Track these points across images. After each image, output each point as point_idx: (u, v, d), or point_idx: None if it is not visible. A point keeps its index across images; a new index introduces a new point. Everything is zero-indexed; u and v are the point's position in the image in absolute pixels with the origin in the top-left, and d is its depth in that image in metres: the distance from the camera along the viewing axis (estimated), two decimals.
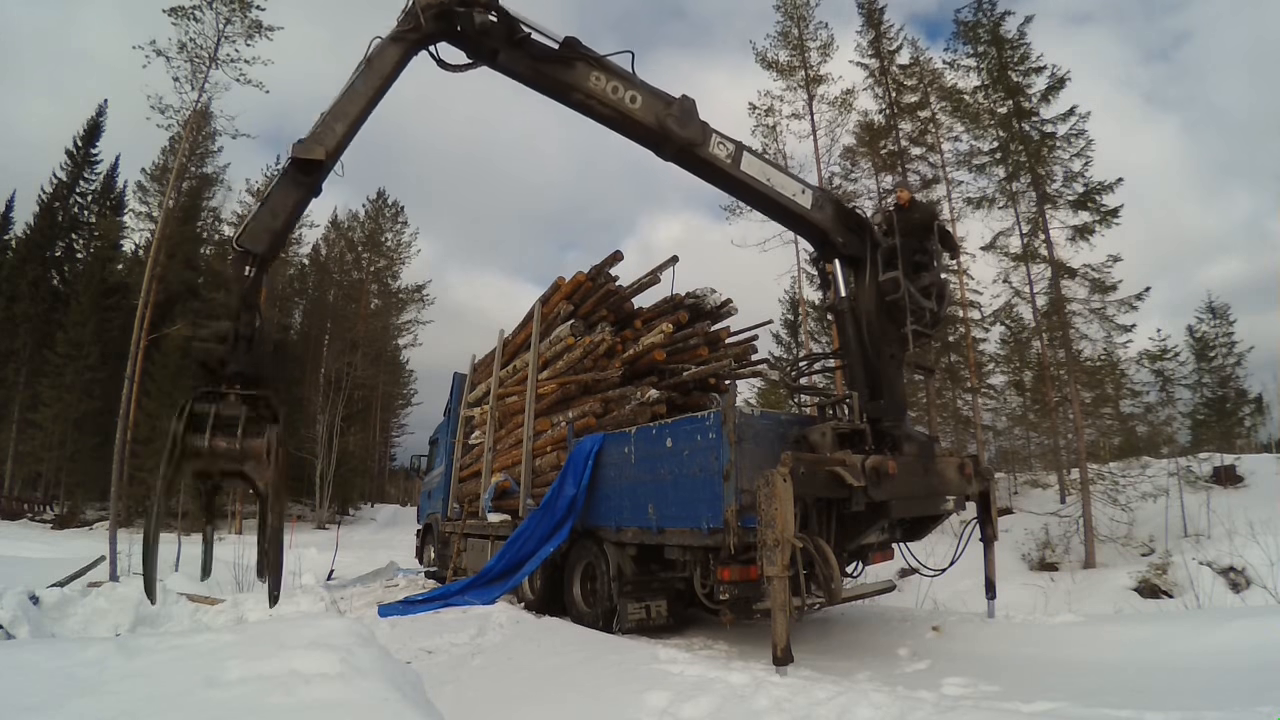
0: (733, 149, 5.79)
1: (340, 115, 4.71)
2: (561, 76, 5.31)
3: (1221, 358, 29.86)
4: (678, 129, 5.51)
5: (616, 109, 5.43)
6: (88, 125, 34.56)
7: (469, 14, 4.99)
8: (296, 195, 4.48)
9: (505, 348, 9.81)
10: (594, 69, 5.38)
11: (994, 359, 21.06)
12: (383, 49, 4.87)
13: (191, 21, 18.06)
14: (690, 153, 5.64)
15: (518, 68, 5.26)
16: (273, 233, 4.33)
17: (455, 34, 5.10)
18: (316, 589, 9.43)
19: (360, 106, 4.77)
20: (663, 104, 5.54)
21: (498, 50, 5.15)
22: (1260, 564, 8.52)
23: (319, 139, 4.51)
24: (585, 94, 5.37)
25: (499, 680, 4.62)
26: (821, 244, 6.27)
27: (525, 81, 5.41)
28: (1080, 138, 16.72)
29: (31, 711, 1.74)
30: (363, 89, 4.79)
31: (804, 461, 4.94)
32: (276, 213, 4.37)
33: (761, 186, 5.87)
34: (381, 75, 4.85)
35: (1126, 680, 4.26)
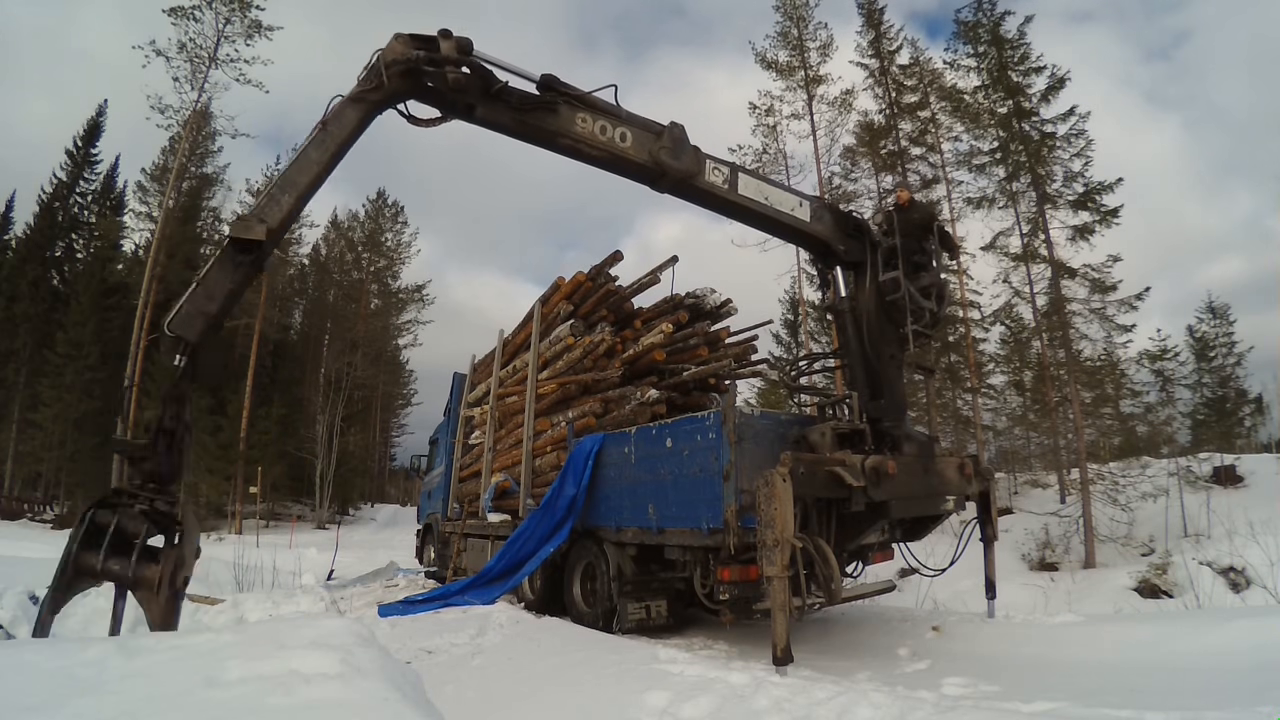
0: (727, 173, 5.66)
1: (289, 186, 4.39)
2: (546, 124, 5.03)
3: (1221, 358, 29.90)
4: (673, 162, 5.32)
5: (607, 150, 5.22)
6: (88, 125, 34.60)
7: (440, 72, 4.66)
8: (235, 277, 4.15)
9: (505, 348, 9.81)
10: (579, 110, 5.13)
11: (994, 359, 21.08)
12: (341, 111, 4.54)
13: (191, 21, 18.15)
14: (686, 184, 5.49)
15: (498, 120, 4.98)
16: (207, 318, 4.01)
17: (425, 90, 4.80)
18: (316, 589, 9.43)
19: (312, 176, 4.46)
20: (653, 136, 5.35)
21: (474, 105, 4.87)
22: (1260, 564, 8.52)
23: (263, 213, 4.24)
24: (573, 139, 5.13)
25: (499, 680, 4.62)
26: (823, 254, 6.25)
27: (507, 133, 5.13)
28: (1080, 138, 16.76)
29: (31, 711, 1.74)
30: (316, 157, 4.46)
31: (803, 461, 4.94)
32: (212, 296, 4.04)
33: (760, 207, 5.77)
34: (338, 141, 4.54)
35: (1126, 680, 4.26)
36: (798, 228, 5.94)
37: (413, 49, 4.63)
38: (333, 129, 4.50)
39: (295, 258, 37.27)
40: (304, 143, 4.52)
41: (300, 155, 4.51)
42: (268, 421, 30.06)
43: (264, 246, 4.17)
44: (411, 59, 4.60)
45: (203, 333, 4.00)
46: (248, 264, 4.18)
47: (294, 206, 4.41)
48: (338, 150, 4.54)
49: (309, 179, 4.44)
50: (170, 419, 3.85)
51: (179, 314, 3.97)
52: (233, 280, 4.13)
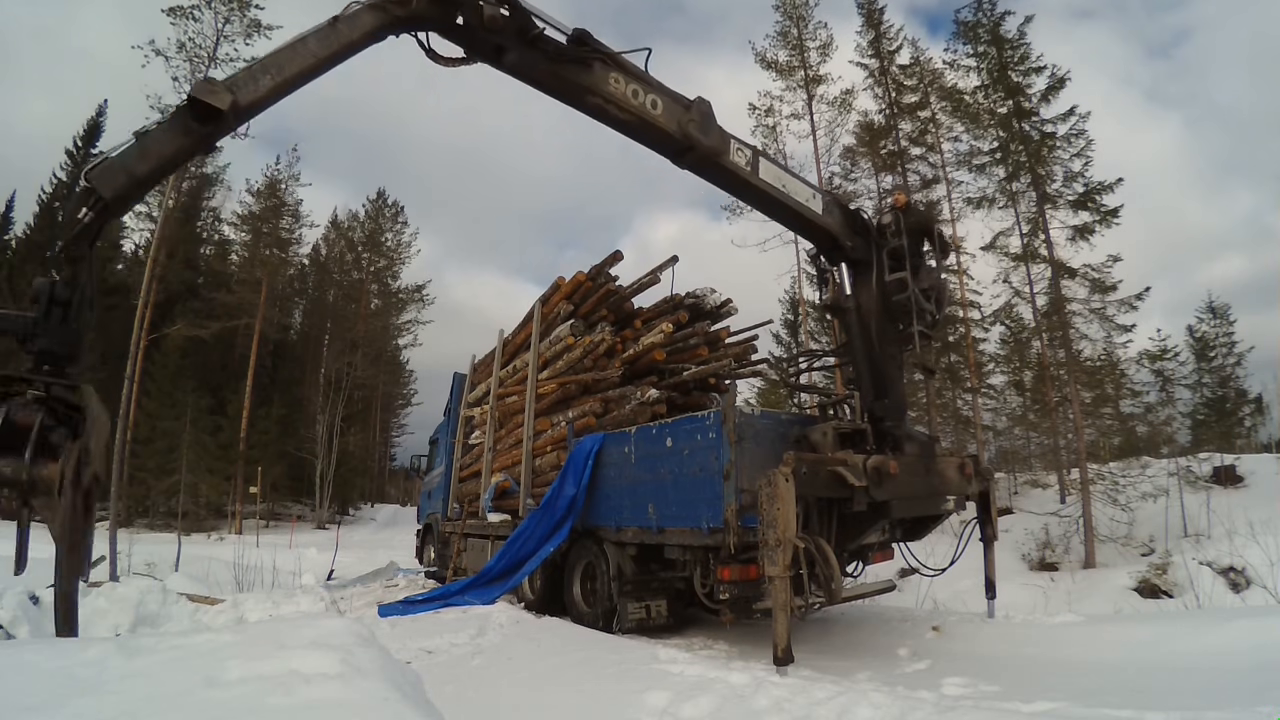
0: (750, 155, 5.57)
1: (273, 68, 3.93)
2: (578, 79, 4.80)
3: (1221, 358, 29.89)
4: (701, 137, 5.18)
5: (638, 114, 5.01)
6: (88, 125, 34.60)
7: (477, 4, 4.31)
8: (179, 143, 3.63)
9: (505, 348, 9.81)
10: (612, 70, 4.92)
11: (994, 359, 21.08)
12: (356, 14, 4.19)
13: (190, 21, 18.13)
14: (712, 161, 5.37)
15: (529, 68, 4.73)
16: (132, 178, 3.46)
17: (452, 24, 4.47)
18: (316, 589, 9.44)
19: (303, 68, 4.02)
20: (682, 109, 5.20)
21: (506, 49, 4.60)
22: (1260, 564, 8.51)
23: (234, 84, 3.74)
24: (604, 98, 4.91)
25: (499, 680, 4.62)
26: (830, 248, 6.24)
27: (535, 84, 4.91)
28: (1080, 138, 16.75)
29: (31, 711, 1.74)
30: (315, 49, 4.04)
31: (806, 461, 4.93)
32: (146, 155, 3.51)
33: (778, 194, 5.72)
34: (344, 42, 4.14)
35: (1126, 680, 4.26)
36: (810, 219, 5.93)
37: None
38: (342, 28, 4.13)
39: (295, 258, 37.30)
40: (306, 31, 4.08)
41: (297, 41, 4.04)
42: (268, 421, 30.06)
43: (223, 118, 3.64)
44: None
45: (121, 191, 3.46)
46: (199, 134, 3.65)
47: (272, 91, 3.93)
48: (339, 51, 4.16)
49: (298, 69, 4.00)
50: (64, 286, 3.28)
51: (102, 163, 3.42)
52: (176, 146, 3.62)
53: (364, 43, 4.28)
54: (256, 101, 3.88)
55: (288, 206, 34.14)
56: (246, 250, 34.14)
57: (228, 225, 35.15)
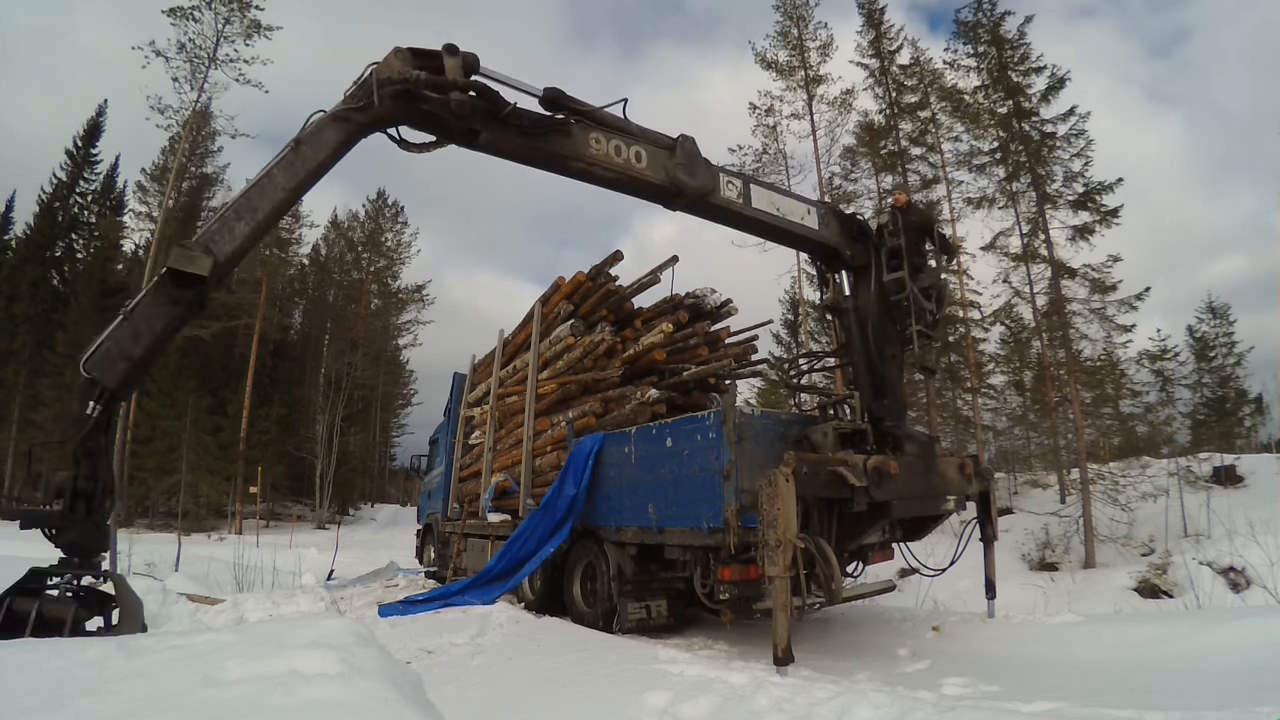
0: (740, 185, 5.51)
1: (246, 212, 3.78)
2: (558, 148, 4.65)
3: (1221, 358, 29.91)
4: (689, 180, 5.08)
5: (623, 171, 4.89)
6: (88, 125, 34.60)
7: (442, 98, 4.15)
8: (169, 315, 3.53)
9: (505, 348, 9.81)
10: (591, 130, 4.76)
11: (994, 359, 21.07)
12: (320, 130, 3.98)
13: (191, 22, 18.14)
14: (703, 202, 5.29)
15: (505, 145, 4.58)
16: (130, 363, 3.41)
17: (421, 115, 4.30)
18: (316, 589, 9.44)
19: (275, 203, 3.87)
20: (666, 153, 5.08)
21: (478, 131, 4.41)
22: (1260, 564, 8.51)
23: (211, 242, 3.61)
24: (587, 162, 4.76)
25: (499, 680, 4.62)
26: (831, 259, 6.23)
27: (513, 158, 4.74)
28: (1080, 138, 16.75)
29: (31, 711, 1.74)
30: (282, 181, 3.85)
31: (806, 461, 4.94)
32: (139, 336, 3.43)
33: (773, 219, 5.68)
34: (312, 165, 3.94)
35: (1126, 680, 4.26)
36: (808, 236, 5.92)
37: (413, 67, 4.16)
38: (307, 150, 3.94)
39: (295, 258, 37.29)
40: (271, 162, 3.91)
41: (264, 177, 3.89)
42: (268, 421, 30.07)
43: (207, 283, 3.56)
44: (410, 79, 4.09)
45: (123, 379, 3.41)
46: (186, 302, 3.55)
47: (250, 237, 3.83)
48: (310, 175, 3.98)
49: (271, 206, 3.87)
50: (85, 479, 3.30)
51: (98, 351, 3.35)
52: (165, 319, 3.51)
53: (333, 159, 4.10)
54: (236, 253, 3.79)
55: None
56: None
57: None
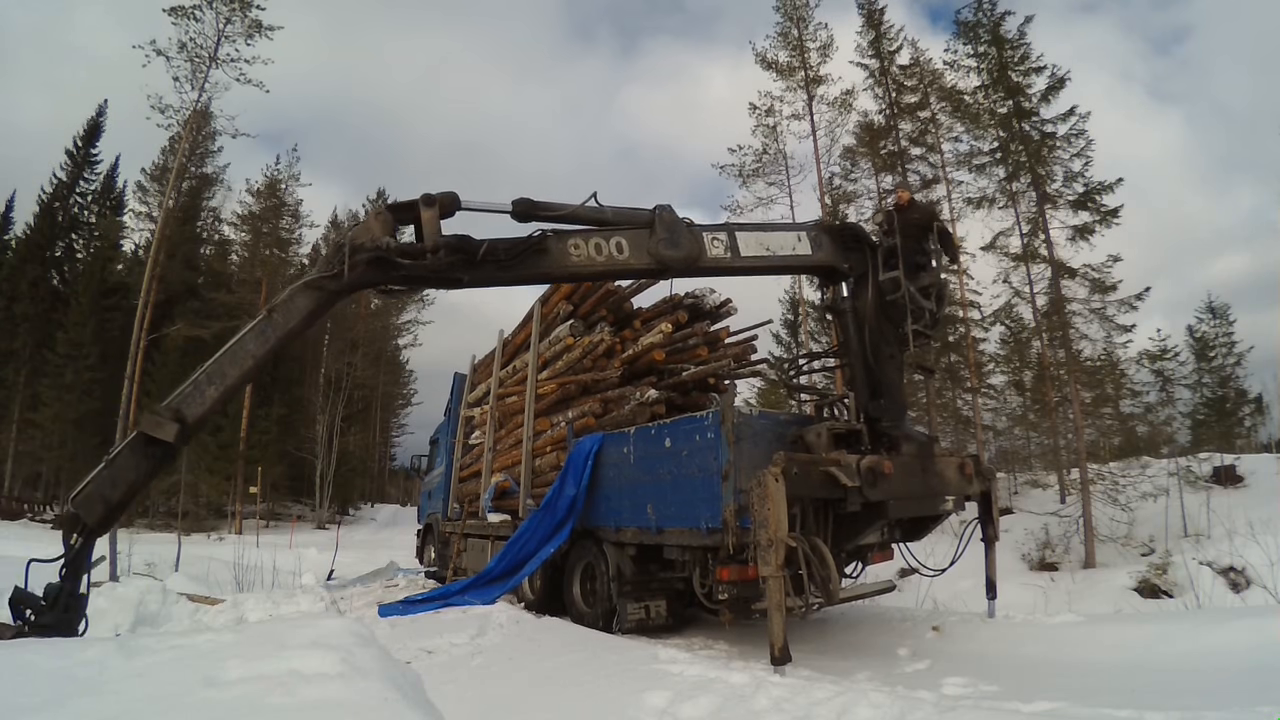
0: (726, 239, 5.51)
1: (217, 378, 4.04)
2: (540, 268, 4.77)
3: (1221, 358, 29.88)
4: (674, 254, 5.12)
5: (607, 268, 5.00)
6: (88, 125, 34.59)
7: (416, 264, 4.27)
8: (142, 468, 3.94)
9: (505, 348, 9.82)
10: (568, 238, 4.81)
11: (994, 359, 21.06)
12: (292, 299, 4.12)
13: (191, 21, 18.12)
14: (692, 269, 5.39)
15: (489, 280, 4.71)
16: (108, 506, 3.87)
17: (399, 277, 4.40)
18: (316, 589, 9.44)
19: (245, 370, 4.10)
20: (645, 231, 5.09)
21: (461, 277, 4.54)
22: (1260, 564, 8.51)
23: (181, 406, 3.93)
24: (572, 271, 4.88)
25: (499, 680, 4.62)
26: (829, 276, 6.25)
27: (499, 285, 4.86)
28: (1080, 138, 16.74)
29: (31, 711, 1.74)
30: (253, 349, 4.05)
31: (797, 462, 4.94)
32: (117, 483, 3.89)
33: (764, 260, 5.71)
34: (282, 332, 4.12)
35: (1126, 680, 4.26)
36: (802, 264, 5.94)
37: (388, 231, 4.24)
38: (279, 319, 4.10)
39: (295, 258, 37.28)
40: (244, 330, 4.13)
41: (236, 345, 4.10)
42: (268, 421, 30.08)
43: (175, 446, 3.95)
44: (381, 248, 4.16)
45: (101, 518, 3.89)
46: (157, 457, 3.94)
47: (219, 400, 4.11)
48: (280, 342, 4.16)
49: (240, 373, 4.09)
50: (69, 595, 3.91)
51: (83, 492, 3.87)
52: (138, 471, 3.93)
53: (305, 326, 4.26)
54: (205, 415, 4.11)
55: (288, 206, 34.17)
56: (246, 250, 34.15)
57: (228, 225, 35.06)
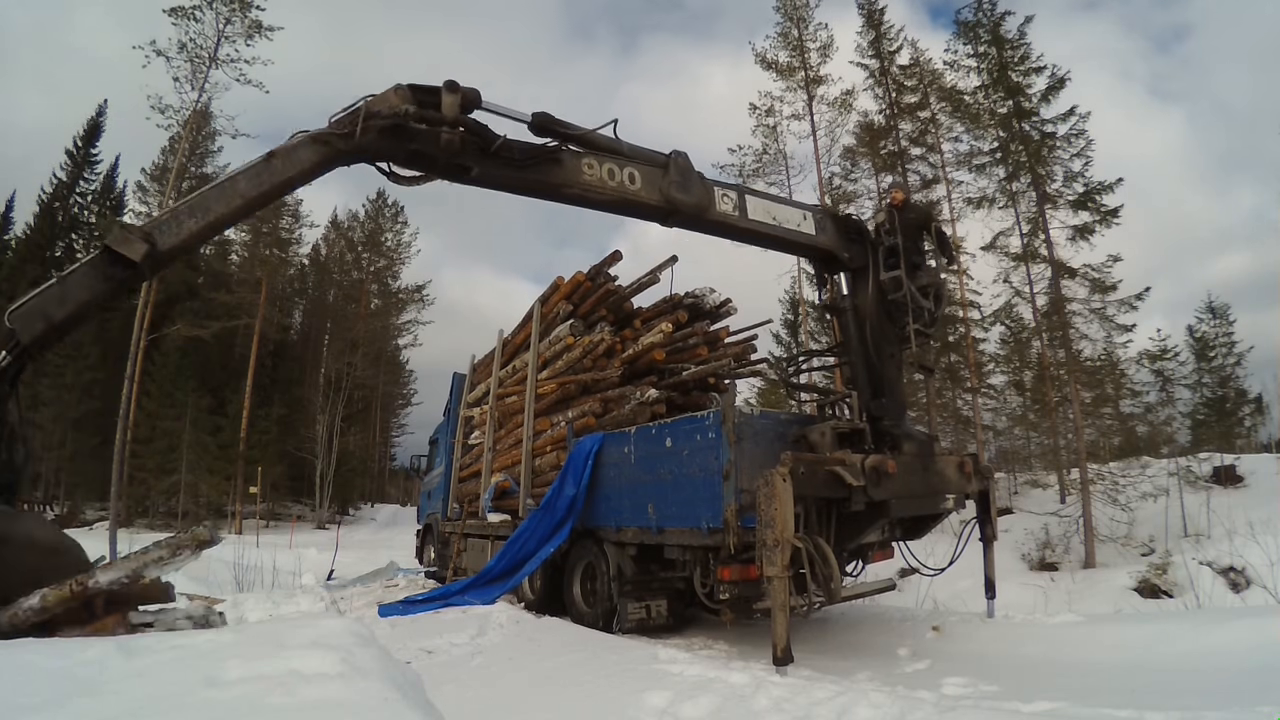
0: (736, 198, 5.48)
1: (199, 210, 3.73)
2: (551, 177, 4.64)
3: (1221, 358, 29.86)
4: (685, 197, 5.05)
5: (618, 194, 4.86)
6: (88, 125, 34.54)
7: (431, 133, 4.09)
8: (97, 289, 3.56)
9: (505, 348, 9.81)
10: (583, 156, 4.74)
11: (994, 359, 21.07)
12: (295, 148, 3.90)
13: (191, 22, 18.13)
14: (699, 218, 5.29)
15: (498, 180, 4.56)
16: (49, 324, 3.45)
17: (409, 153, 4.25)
18: (316, 589, 9.44)
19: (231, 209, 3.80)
20: (660, 172, 5.02)
21: (470, 166, 4.36)
22: (1260, 564, 8.51)
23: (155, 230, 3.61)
24: (582, 189, 4.73)
25: (499, 680, 4.62)
26: (828, 262, 6.24)
27: (507, 190, 4.71)
28: (1080, 137, 16.76)
29: (31, 711, 1.74)
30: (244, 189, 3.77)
31: (804, 461, 4.94)
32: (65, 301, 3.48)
33: (769, 229, 5.68)
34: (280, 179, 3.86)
35: (1126, 680, 4.26)
36: (805, 242, 5.92)
37: (408, 103, 4.07)
38: (278, 165, 3.86)
39: (295, 258, 37.31)
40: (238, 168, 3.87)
41: (226, 181, 3.86)
42: (268, 421, 30.08)
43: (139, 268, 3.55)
44: (399, 114, 4.01)
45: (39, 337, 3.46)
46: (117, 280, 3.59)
47: (196, 236, 3.78)
48: (275, 189, 3.93)
49: (226, 211, 3.81)
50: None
51: (23, 306, 3.46)
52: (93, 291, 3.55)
53: (304, 180, 4.05)
54: (177, 247, 3.75)
55: (288, 206, 34.12)
56: (246, 250, 34.14)
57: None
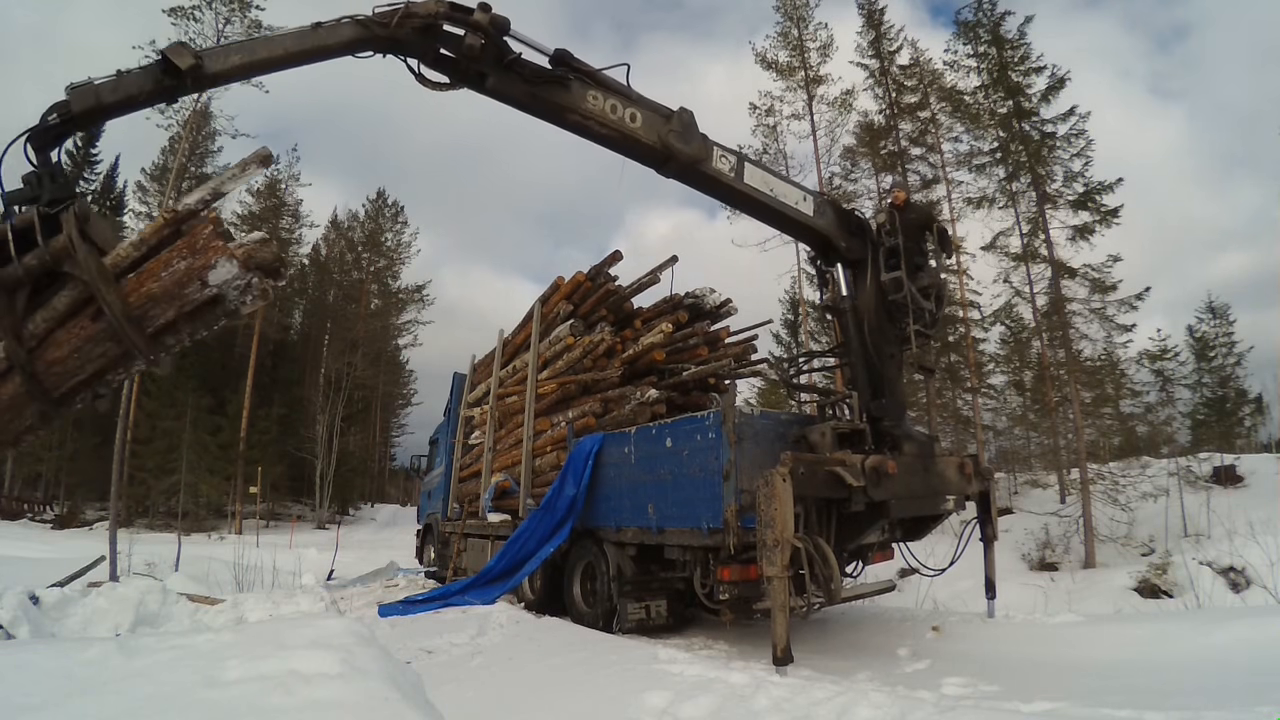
0: (734, 161, 5.66)
1: (245, 50, 4.28)
2: (557, 99, 5.01)
3: (1221, 357, 29.86)
4: (681, 146, 5.30)
5: (617, 129, 5.19)
6: None
7: (457, 35, 4.58)
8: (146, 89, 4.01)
9: (505, 348, 9.82)
10: (590, 87, 5.11)
11: (994, 359, 21.08)
12: (339, 24, 4.42)
13: (191, 21, 18.15)
14: (694, 169, 5.47)
15: (509, 91, 4.94)
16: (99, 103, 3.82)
17: (436, 55, 4.73)
18: (316, 589, 9.43)
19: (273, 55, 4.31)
20: (662, 119, 5.33)
21: (486, 74, 4.82)
22: (1260, 564, 8.51)
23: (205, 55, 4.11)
24: (583, 115, 5.10)
25: (499, 680, 4.62)
26: (824, 249, 6.25)
27: (517, 105, 5.10)
28: (1080, 137, 16.75)
29: (31, 711, 1.75)
30: (290, 45, 4.31)
31: (804, 462, 4.94)
32: (118, 89, 3.89)
33: (764, 198, 5.77)
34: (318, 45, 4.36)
35: (1126, 680, 4.26)
36: (801, 221, 5.95)
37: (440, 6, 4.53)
38: (323, 34, 4.34)
39: (295, 258, 37.26)
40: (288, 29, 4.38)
41: (276, 35, 4.38)
42: (268, 421, 30.07)
43: (183, 77, 3.99)
44: (433, 13, 4.51)
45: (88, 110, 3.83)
46: (165, 87, 4.04)
47: (237, 70, 4.24)
48: (312, 51, 4.37)
49: (268, 56, 4.29)
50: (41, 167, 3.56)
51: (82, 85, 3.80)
52: (142, 89, 3.98)
53: (339, 51, 4.44)
54: (219, 74, 4.17)
55: (288, 206, 34.21)
56: None
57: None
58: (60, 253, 3.06)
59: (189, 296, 2.95)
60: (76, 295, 2.99)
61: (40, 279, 3.10)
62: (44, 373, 2.93)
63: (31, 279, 3.07)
